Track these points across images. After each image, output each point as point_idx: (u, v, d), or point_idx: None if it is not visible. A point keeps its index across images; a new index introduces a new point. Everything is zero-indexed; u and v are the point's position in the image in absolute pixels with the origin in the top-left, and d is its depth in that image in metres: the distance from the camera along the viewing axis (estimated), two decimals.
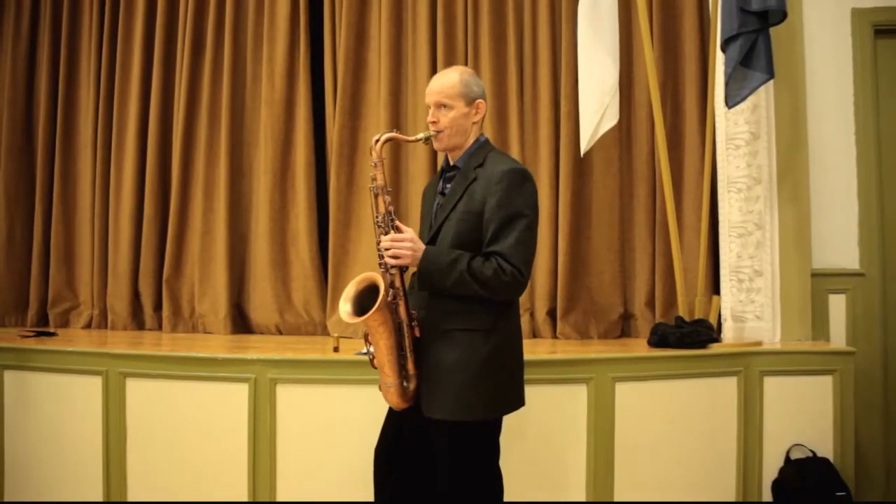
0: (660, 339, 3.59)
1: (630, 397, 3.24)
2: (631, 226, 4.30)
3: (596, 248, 4.26)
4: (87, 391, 3.47)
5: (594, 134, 3.71)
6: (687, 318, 3.67)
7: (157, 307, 4.84)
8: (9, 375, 3.65)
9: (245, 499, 3.25)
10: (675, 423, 3.29)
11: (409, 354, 2.39)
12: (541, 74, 4.33)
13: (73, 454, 3.51)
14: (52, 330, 4.62)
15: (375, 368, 2.43)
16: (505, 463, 2.53)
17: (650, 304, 4.22)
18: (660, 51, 4.17)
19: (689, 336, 3.52)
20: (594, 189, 4.28)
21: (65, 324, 4.99)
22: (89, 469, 3.46)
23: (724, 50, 3.52)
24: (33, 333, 4.29)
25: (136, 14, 4.94)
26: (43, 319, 5.04)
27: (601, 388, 3.20)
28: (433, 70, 4.36)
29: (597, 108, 3.69)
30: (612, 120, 3.72)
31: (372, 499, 2.57)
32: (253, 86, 4.79)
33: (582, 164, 4.22)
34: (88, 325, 4.94)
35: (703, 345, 3.50)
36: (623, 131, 4.24)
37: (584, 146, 3.76)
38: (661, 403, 3.29)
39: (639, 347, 3.70)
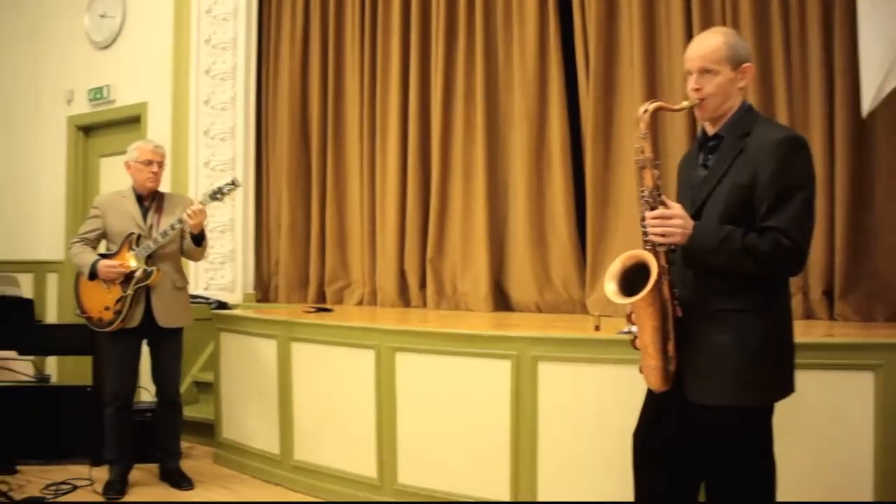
0: None
1: None
2: None
3: (881, 221, 3.82)
4: (361, 363, 3.73)
5: (879, 92, 3.32)
6: None
7: (422, 285, 5.11)
8: (295, 346, 4.04)
9: (507, 472, 3.32)
10: None
11: (671, 335, 2.30)
12: (810, 29, 3.95)
13: (350, 421, 3.79)
14: (329, 306, 5.05)
15: (637, 349, 2.37)
16: (776, 457, 2.35)
17: None
18: None
19: None
20: (877, 154, 3.84)
21: (339, 301, 5.45)
22: (364, 436, 3.72)
23: None
24: (314, 309, 4.70)
25: (393, 6, 5.22)
26: (321, 297, 5.54)
27: (892, 376, 2.87)
28: (688, 37, 4.14)
29: (881, 63, 3.29)
30: None
31: (632, 481, 2.52)
32: (505, 66, 4.88)
33: (862, 128, 3.81)
34: (360, 302, 5.35)
35: None
36: None
37: (867, 107, 3.37)
38: None
39: None
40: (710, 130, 2.37)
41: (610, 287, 2.29)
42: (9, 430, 4.17)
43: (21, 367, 3.32)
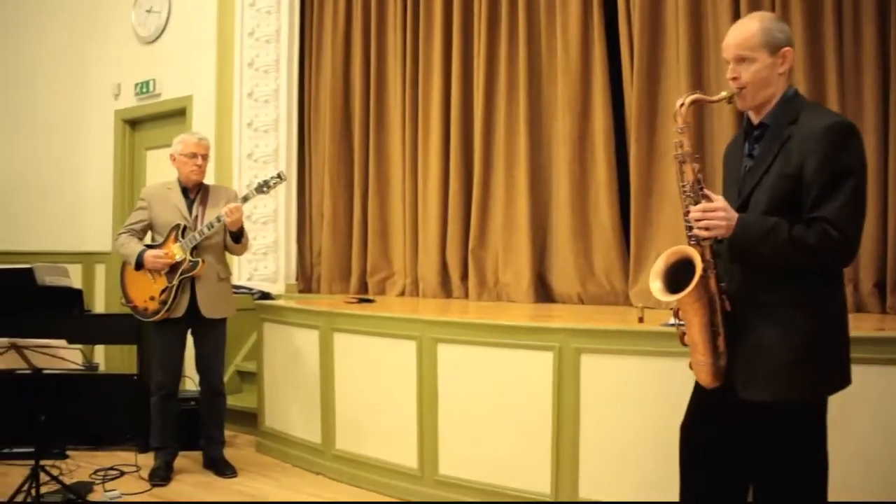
0: None
1: None
2: None
3: None
4: (403, 354, 3.73)
5: None
6: None
7: (464, 276, 5.09)
8: (337, 337, 4.06)
9: (548, 464, 3.30)
10: None
11: (720, 330, 2.24)
12: (864, 13, 3.82)
13: (391, 412, 3.80)
14: (371, 297, 5.06)
15: (686, 346, 2.31)
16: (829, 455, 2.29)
17: None
18: None
19: None
20: None
21: (381, 291, 5.46)
22: (405, 426, 3.72)
23: None
24: (356, 300, 4.71)
25: None
26: (363, 287, 5.56)
27: None
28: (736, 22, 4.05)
29: None
30: None
31: (676, 474, 2.48)
32: (548, 55, 4.82)
33: None
34: (402, 293, 5.35)
35: None
36: None
37: None
38: None
39: None
40: (755, 119, 2.30)
41: (655, 285, 2.24)
42: (59, 416, 4.27)
43: (70, 356, 3.38)
